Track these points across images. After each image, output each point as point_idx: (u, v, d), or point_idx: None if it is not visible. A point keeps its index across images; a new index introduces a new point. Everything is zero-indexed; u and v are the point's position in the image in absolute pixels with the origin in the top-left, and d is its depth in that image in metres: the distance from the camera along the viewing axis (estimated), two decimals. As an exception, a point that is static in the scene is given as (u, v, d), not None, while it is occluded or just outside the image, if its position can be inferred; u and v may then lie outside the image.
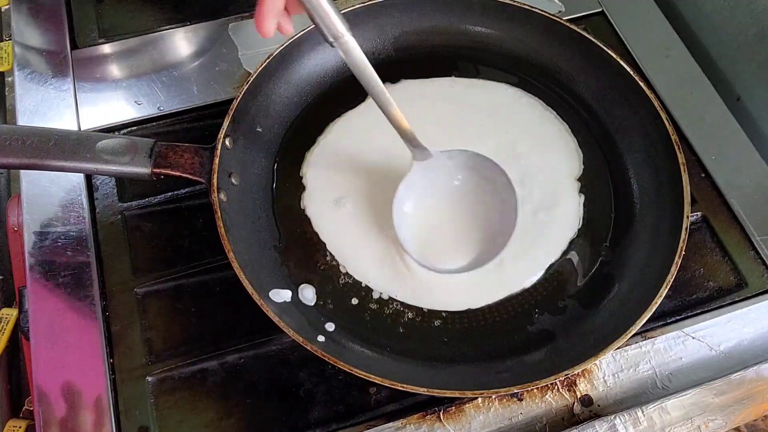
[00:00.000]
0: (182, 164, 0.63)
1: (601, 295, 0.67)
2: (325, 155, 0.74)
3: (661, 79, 0.81)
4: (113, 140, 0.61)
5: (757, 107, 0.84)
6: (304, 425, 0.62)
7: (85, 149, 0.60)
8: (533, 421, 0.63)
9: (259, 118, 0.73)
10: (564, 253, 0.69)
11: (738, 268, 0.70)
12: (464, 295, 0.67)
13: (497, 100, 0.78)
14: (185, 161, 0.63)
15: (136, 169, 0.61)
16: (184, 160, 0.63)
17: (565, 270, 0.68)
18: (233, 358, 0.65)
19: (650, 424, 0.61)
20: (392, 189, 0.68)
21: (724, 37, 0.86)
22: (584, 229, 0.70)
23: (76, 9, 0.87)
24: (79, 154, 0.60)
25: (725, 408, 0.63)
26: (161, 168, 0.62)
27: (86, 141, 0.61)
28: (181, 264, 0.69)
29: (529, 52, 0.80)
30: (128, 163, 0.61)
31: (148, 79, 0.81)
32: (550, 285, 0.68)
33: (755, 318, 0.68)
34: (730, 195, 0.74)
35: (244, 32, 0.84)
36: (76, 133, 0.63)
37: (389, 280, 0.67)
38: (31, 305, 0.66)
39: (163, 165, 0.62)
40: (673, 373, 0.65)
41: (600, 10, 0.88)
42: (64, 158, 0.60)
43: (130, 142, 0.62)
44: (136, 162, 0.61)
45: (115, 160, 0.61)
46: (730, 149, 0.77)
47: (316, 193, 0.72)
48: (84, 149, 0.60)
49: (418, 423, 0.62)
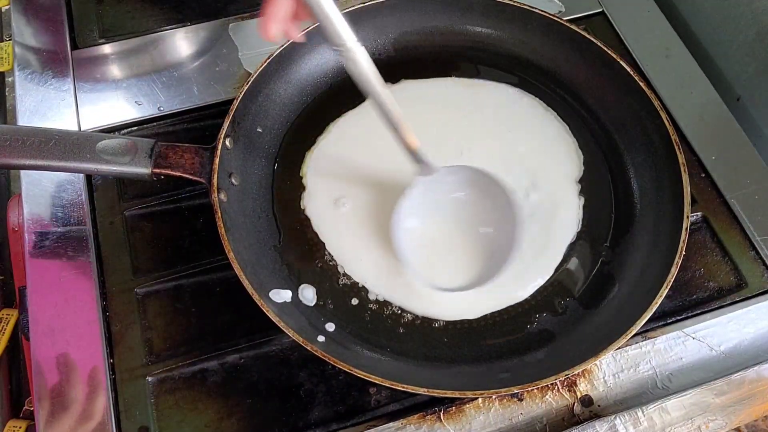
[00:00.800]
0: (182, 164, 0.63)
1: (601, 296, 0.67)
2: (325, 156, 0.74)
3: (661, 79, 0.81)
4: (113, 140, 0.61)
5: (757, 107, 0.84)
6: (305, 425, 0.62)
7: (85, 149, 0.60)
8: (533, 421, 0.63)
9: (260, 118, 0.73)
10: (564, 258, 0.69)
11: (738, 268, 0.70)
12: (460, 306, 0.67)
13: (498, 100, 0.78)
14: (185, 161, 0.64)
15: (136, 170, 0.62)
16: (184, 160, 0.63)
17: (566, 273, 0.68)
18: (233, 358, 0.65)
19: (650, 424, 0.61)
20: (392, 189, 0.68)
21: (724, 37, 0.86)
22: (584, 232, 0.70)
23: (77, 9, 0.87)
24: (79, 154, 0.60)
25: (726, 408, 0.63)
26: (161, 168, 0.62)
27: (86, 141, 0.61)
28: (181, 264, 0.69)
29: (529, 53, 0.80)
30: (128, 164, 0.61)
31: (148, 80, 0.81)
32: (551, 287, 0.68)
33: (755, 318, 0.68)
34: (730, 195, 0.74)
35: (245, 32, 0.84)
36: (76, 133, 0.63)
37: (385, 284, 0.67)
38: (31, 305, 0.66)
39: (164, 165, 0.62)
40: (674, 374, 0.65)
41: (600, 10, 0.88)
42: (65, 158, 0.60)
43: (131, 142, 0.62)
44: (136, 162, 0.61)
45: (116, 160, 0.61)
46: (730, 149, 0.77)
47: (315, 194, 0.72)
48: (84, 149, 0.60)
49: (419, 423, 0.62)
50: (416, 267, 0.66)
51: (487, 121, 0.76)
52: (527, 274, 0.68)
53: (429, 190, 0.67)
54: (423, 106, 0.76)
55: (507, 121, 0.76)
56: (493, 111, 0.77)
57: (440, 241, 0.69)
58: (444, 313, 0.66)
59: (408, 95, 0.77)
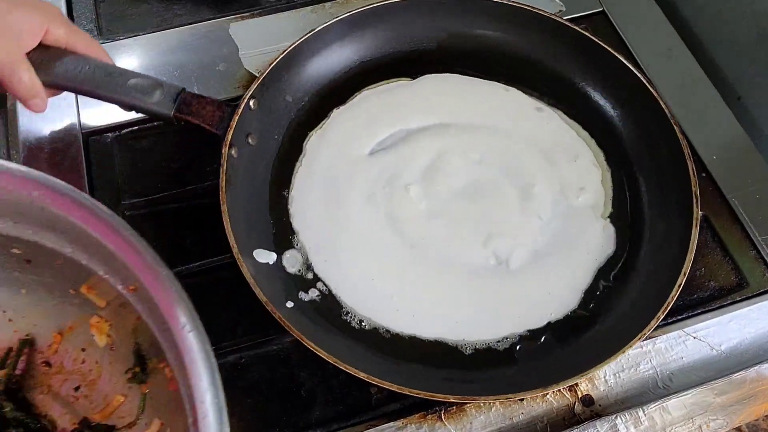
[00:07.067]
0: (203, 114, 0.66)
1: (607, 306, 0.67)
2: (328, 136, 0.75)
3: (663, 79, 0.81)
4: (145, 80, 0.65)
5: (758, 107, 0.84)
6: (305, 425, 0.62)
7: (118, 82, 0.64)
8: (534, 420, 0.63)
9: (291, 88, 0.75)
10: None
11: (739, 267, 0.70)
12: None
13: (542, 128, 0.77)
14: (207, 112, 0.66)
15: (159, 110, 0.65)
16: (206, 111, 0.66)
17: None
18: (234, 357, 0.65)
19: (651, 423, 0.61)
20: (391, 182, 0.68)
21: (725, 37, 0.86)
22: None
23: (76, 8, 0.87)
24: (111, 85, 0.64)
25: (726, 408, 0.63)
26: (183, 114, 0.65)
27: (120, 76, 0.65)
28: (182, 264, 0.69)
29: (544, 59, 0.80)
30: (154, 103, 0.65)
31: (148, 79, 0.81)
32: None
33: (756, 318, 0.68)
34: (731, 195, 0.74)
35: (245, 32, 0.84)
36: (113, 66, 0.66)
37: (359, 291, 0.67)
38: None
39: (185, 112, 0.65)
40: (674, 373, 0.65)
41: (601, 10, 0.88)
42: (98, 87, 0.64)
43: (159, 83, 0.66)
44: (160, 104, 0.65)
45: (143, 98, 0.65)
46: (731, 149, 0.77)
47: (305, 174, 0.73)
48: (117, 82, 0.64)
49: (419, 423, 0.62)
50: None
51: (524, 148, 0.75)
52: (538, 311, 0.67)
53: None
54: (455, 102, 0.78)
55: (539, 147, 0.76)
56: (533, 141, 0.76)
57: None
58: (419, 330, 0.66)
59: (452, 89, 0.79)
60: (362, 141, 0.75)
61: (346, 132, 0.75)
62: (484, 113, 0.77)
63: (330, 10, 0.86)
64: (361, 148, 0.74)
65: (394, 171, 0.72)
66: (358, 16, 0.77)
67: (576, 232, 0.70)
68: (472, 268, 0.68)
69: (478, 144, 0.75)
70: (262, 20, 0.85)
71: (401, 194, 0.71)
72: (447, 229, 0.69)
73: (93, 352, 0.57)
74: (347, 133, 0.75)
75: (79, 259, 0.53)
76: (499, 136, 0.75)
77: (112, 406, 0.55)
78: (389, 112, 0.76)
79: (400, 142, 0.74)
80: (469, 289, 0.67)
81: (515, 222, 0.70)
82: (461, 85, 0.79)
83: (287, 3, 0.87)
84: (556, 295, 0.67)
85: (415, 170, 0.72)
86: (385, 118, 0.76)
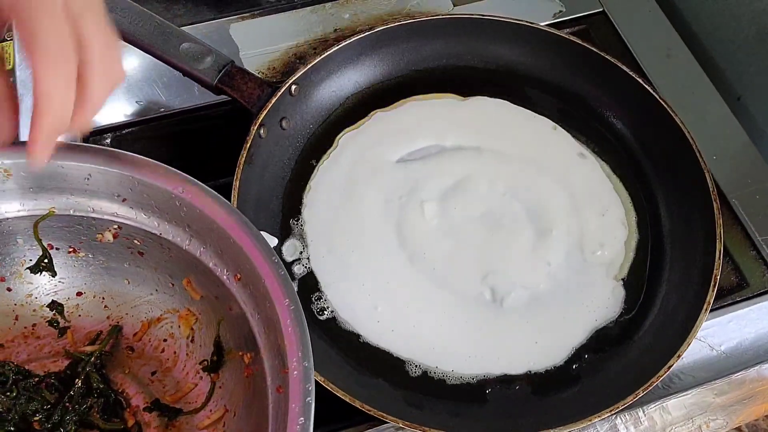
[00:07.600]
0: (242, 90, 0.68)
1: (594, 368, 0.64)
2: (363, 135, 0.75)
3: (663, 79, 0.81)
4: (197, 46, 0.68)
5: (758, 107, 0.84)
6: (305, 425, 0.62)
7: (171, 44, 0.67)
8: None
9: (336, 82, 0.76)
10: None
11: (739, 268, 0.70)
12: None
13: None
14: (246, 89, 0.68)
15: (203, 77, 0.68)
16: (246, 87, 0.68)
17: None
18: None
19: (651, 423, 0.61)
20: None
21: (725, 36, 0.86)
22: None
23: (77, 9, 0.87)
24: (165, 45, 0.67)
25: (726, 408, 0.63)
26: (224, 85, 0.68)
27: (175, 39, 0.68)
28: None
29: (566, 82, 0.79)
30: (200, 70, 0.68)
31: (148, 79, 0.80)
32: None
33: (756, 318, 0.68)
34: (731, 195, 0.74)
35: (245, 32, 0.84)
36: (171, 26, 0.68)
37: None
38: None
39: (227, 84, 0.68)
40: (674, 373, 0.65)
41: (601, 10, 0.87)
42: (153, 44, 0.67)
43: (210, 51, 0.68)
44: (206, 72, 0.68)
45: (191, 63, 0.68)
46: (731, 149, 0.77)
47: (330, 168, 0.73)
48: (170, 44, 0.67)
49: (419, 423, 0.61)
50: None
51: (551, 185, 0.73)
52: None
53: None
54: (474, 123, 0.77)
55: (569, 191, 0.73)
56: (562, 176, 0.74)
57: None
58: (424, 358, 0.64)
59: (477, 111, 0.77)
60: (394, 148, 0.74)
61: (382, 135, 0.75)
62: (523, 146, 0.75)
63: (330, 11, 0.86)
64: (391, 153, 0.74)
65: (415, 184, 0.71)
66: (427, 24, 0.77)
67: (582, 287, 0.67)
68: (465, 297, 0.66)
69: (507, 176, 0.72)
70: (263, 20, 0.85)
71: (416, 207, 0.70)
72: (450, 251, 0.68)
73: (173, 343, 0.60)
74: (382, 137, 0.75)
75: (194, 251, 0.55)
76: (531, 171, 0.73)
77: (182, 391, 0.58)
78: (429, 126, 0.75)
79: (430, 157, 0.74)
80: (455, 317, 0.65)
81: (522, 262, 0.68)
82: (510, 114, 0.77)
83: (287, 3, 0.87)
84: (543, 345, 0.64)
85: (437, 187, 0.71)
86: (423, 130, 0.75)
